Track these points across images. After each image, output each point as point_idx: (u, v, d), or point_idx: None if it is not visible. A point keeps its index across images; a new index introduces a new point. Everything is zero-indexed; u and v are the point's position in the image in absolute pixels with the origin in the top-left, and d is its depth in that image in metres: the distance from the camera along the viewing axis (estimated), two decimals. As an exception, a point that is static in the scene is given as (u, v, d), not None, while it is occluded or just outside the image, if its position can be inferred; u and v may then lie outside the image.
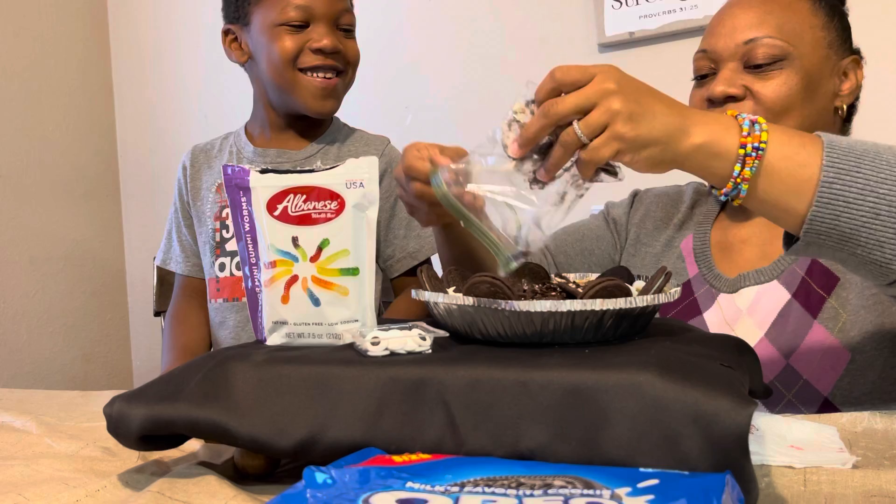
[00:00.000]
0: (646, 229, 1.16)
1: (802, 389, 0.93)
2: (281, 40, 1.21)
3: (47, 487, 0.66)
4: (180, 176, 1.37)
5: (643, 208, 1.19)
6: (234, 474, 0.68)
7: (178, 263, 1.36)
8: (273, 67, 1.23)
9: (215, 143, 1.39)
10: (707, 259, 1.07)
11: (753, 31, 1.00)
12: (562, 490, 0.46)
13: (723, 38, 1.02)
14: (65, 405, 1.02)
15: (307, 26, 1.22)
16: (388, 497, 0.45)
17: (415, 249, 1.35)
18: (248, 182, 0.72)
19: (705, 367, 0.58)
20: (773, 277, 1.00)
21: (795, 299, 0.97)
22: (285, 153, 1.31)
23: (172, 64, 2.67)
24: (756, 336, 0.98)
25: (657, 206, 1.18)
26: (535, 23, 2.15)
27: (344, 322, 0.70)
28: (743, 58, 1.01)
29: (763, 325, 0.98)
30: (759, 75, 1.00)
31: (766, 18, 1.01)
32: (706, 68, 1.05)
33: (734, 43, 1.01)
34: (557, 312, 0.61)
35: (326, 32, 1.22)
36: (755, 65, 1.00)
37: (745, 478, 0.50)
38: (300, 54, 1.22)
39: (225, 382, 0.62)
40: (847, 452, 0.65)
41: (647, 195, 1.21)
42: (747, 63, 1.00)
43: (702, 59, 1.06)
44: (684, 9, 1.93)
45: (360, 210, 0.70)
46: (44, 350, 2.46)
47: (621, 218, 1.19)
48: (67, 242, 2.54)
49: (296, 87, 1.24)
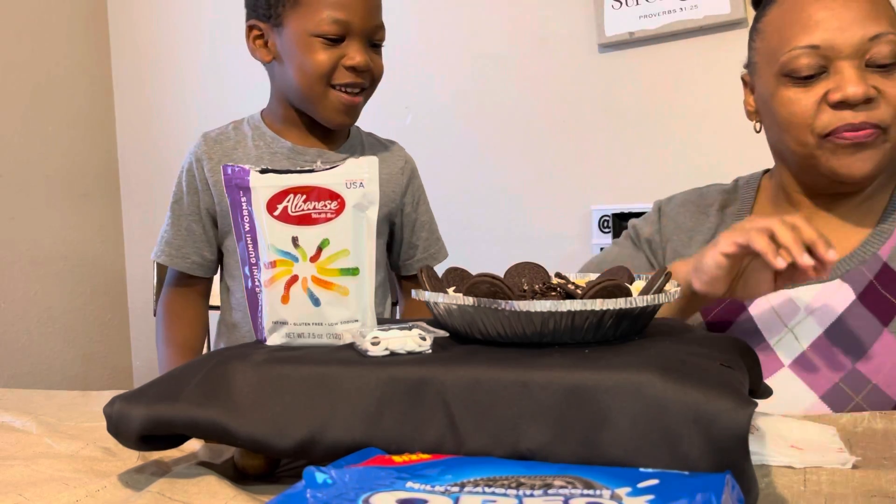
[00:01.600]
0: (681, 241, 1.12)
1: (872, 393, 0.91)
2: (315, 52, 1.19)
3: (47, 487, 0.66)
4: (194, 168, 1.30)
5: (671, 221, 1.14)
6: (234, 474, 0.68)
7: (178, 259, 1.31)
8: (304, 78, 1.21)
9: (228, 133, 1.33)
10: None
11: (874, 25, 0.91)
12: (562, 490, 0.46)
13: (841, 33, 0.92)
14: (65, 405, 1.02)
15: (342, 40, 1.20)
16: (388, 497, 0.45)
17: (435, 251, 1.42)
18: (248, 182, 0.72)
19: (705, 368, 0.58)
20: (835, 277, 0.97)
21: (862, 303, 0.94)
22: (324, 153, 1.29)
23: (172, 64, 2.67)
24: (814, 332, 0.95)
25: (685, 216, 1.13)
26: (535, 23, 2.15)
27: (344, 322, 0.70)
28: (865, 55, 0.92)
29: (823, 322, 0.95)
30: (885, 74, 0.92)
31: (878, 12, 0.92)
32: (815, 66, 0.94)
33: (858, 38, 0.91)
34: (557, 312, 0.61)
35: (360, 49, 1.21)
36: (881, 64, 0.92)
37: (745, 478, 0.50)
38: (334, 70, 1.21)
39: (225, 382, 0.62)
40: (847, 452, 0.65)
41: (670, 206, 1.16)
42: (870, 62, 0.92)
43: (809, 55, 0.94)
44: (684, 9, 1.93)
45: (360, 210, 0.70)
46: (44, 350, 2.46)
47: (654, 236, 1.14)
48: (67, 242, 2.54)
49: (323, 100, 1.23)
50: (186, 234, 1.31)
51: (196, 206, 1.30)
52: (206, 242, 1.31)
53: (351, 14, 1.19)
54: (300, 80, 1.22)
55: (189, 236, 1.31)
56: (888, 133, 0.94)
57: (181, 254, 1.31)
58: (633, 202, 2.03)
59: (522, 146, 2.21)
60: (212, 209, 1.30)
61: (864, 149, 0.94)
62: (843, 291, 0.96)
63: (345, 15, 1.19)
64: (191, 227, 1.30)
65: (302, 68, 1.21)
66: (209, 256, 1.32)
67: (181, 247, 1.31)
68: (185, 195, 1.31)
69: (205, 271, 1.33)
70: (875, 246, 0.97)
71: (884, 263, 0.96)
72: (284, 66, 1.24)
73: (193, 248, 1.31)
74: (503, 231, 2.25)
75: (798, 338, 0.96)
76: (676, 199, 1.17)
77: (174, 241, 1.31)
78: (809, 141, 0.96)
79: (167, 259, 1.31)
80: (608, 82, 2.08)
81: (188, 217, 1.31)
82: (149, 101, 2.70)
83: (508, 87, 2.19)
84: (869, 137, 0.93)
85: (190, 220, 1.31)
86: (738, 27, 1.88)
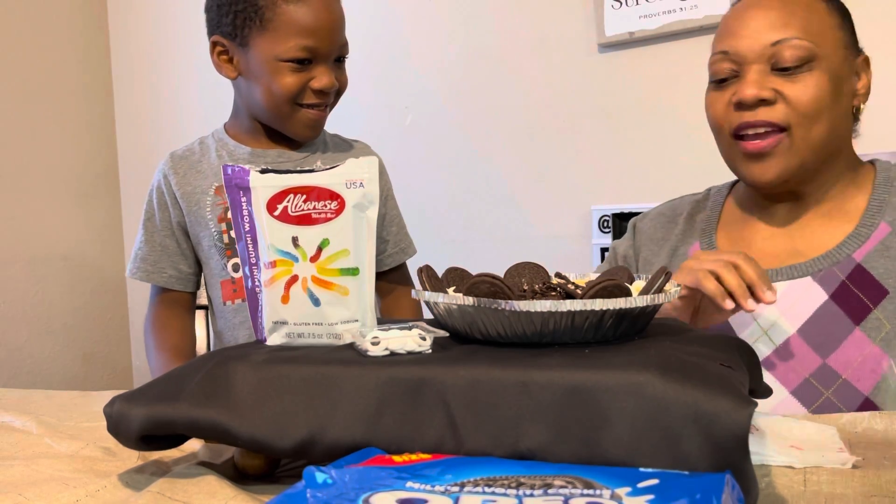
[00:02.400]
0: (651, 250, 1.16)
1: (842, 388, 0.94)
2: (283, 76, 1.21)
3: (47, 487, 0.66)
4: (162, 185, 1.33)
5: (643, 234, 1.18)
6: (234, 474, 0.68)
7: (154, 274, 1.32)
8: (271, 99, 1.23)
9: (193, 149, 1.36)
10: None
11: (779, 31, 0.97)
12: (562, 490, 0.46)
13: (746, 39, 0.99)
14: (65, 405, 1.02)
15: (310, 63, 1.22)
16: (388, 497, 0.45)
17: (405, 246, 1.41)
18: (248, 182, 0.72)
19: (705, 367, 0.58)
20: (807, 274, 0.99)
21: (834, 301, 0.96)
22: (285, 153, 1.31)
23: (172, 64, 2.67)
24: (786, 332, 0.97)
25: (655, 228, 1.18)
26: (535, 23, 2.15)
27: (344, 322, 0.70)
28: (770, 60, 0.97)
29: (795, 321, 0.97)
30: (788, 78, 0.97)
31: (790, 19, 0.98)
32: (727, 71, 1.01)
33: (760, 44, 0.98)
34: (557, 312, 0.61)
35: (327, 71, 1.23)
36: (783, 67, 0.97)
37: (745, 478, 0.50)
38: (301, 92, 1.22)
39: (225, 382, 0.62)
40: (847, 452, 0.65)
41: (643, 222, 1.20)
42: (775, 65, 0.97)
43: (722, 60, 1.02)
44: (684, 9, 1.93)
45: (360, 210, 0.70)
46: (44, 350, 2.46)
47: (628, 251, 1.18)
48: (67, 243, 2.54)
49: (291, 118, 1.25)
50: (161, 249, 1.32)
51: (168, 221, 1.32)
52: (182, 256, 1.33)
53: (318, 40, 1.21)
54: (267, 101, 1.24)
55: (163, 251, 1.32)
56: (791, 134, 0.97)
57: (157, 269, 1.32)
58: (633, 202, 2.03)
59: (522, 146, 2.21)
60: (182, 222, 1.32)
61: (767, 157, 0.99)
62: (814, 291, 0.98)
63: (312, 42, 1.20)
64: (164, 243, 1.32)
65: (269, 90, 1.23)
66: (186, 269, 1.33)
67: (157, 262, 1.32)
68: (156, 212, 1.33)
69: (184, 285, 1.33)
70: (850, 248, 0.99)
71: (857, 264, 0.98)
72: (251, 84, 1.26)
73: (169, 262, 1.32)
74: (503, 231, 2.25)
75: (770, 336, 0.99)
76: (650, 214, 1.22)
77: (149, 257, 1.32)
78: (725, 142, 1.04)
79: (143, 275, 1.32)
80: (608, 82, 2.08)
81: (161, 233, 1.33)
82: (149, 102, 2.70)
83: (508, 87, 2.19)
84: (770, 146, 0.98)
85: (163, 235, 1.32)
86: (738, 27, 1.88)
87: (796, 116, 0.96)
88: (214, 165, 1.31)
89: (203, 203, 1.30)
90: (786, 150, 0.98)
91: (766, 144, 0.98)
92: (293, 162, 1.30)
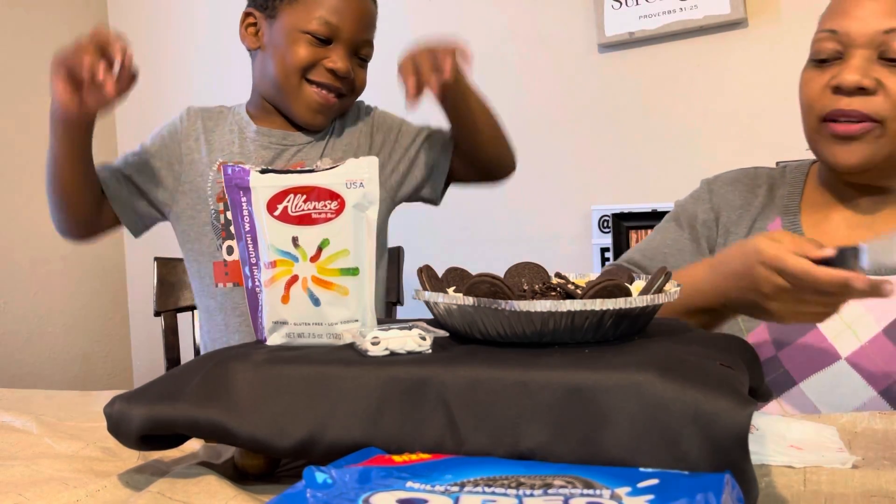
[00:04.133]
0: (730, 218, 1.11)
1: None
2: (299, 46, 1.23)
3: (47, 487, 0.66)
4: (177, 126, 1.32)
5: (721, 198, 1.13)
6: (234, 474, 0.68)
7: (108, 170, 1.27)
8: (282, 68, 1.24)
9: (212, 113, 1.35)
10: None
11: (894, 19, 0.92)
12: (562, 490, 0.46)
13: (858, 21, 0.94)
14: (65, 405, 1.02)
15: (329, 43, 1.23)
16: (388, 497, 0.45)
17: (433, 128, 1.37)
18: (248, 182, 0.72)
19: (705, 367, 0.58)
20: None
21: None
22: (290, 135, 1.30)
23: (172, 64, 2.67)
24: (873, 330, 0.94)
25: (734, 194, 1.12)
26: (535, 23, 2.15)
27: (344, 322, 0.70)
28: (879, 47, 0.93)
29: (881, 319, 0.94)
30: (894, 69, 0.93)
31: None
32: (831, 51, 0.96)
33: (872, 29, 0.93)
34: (557, 312, 0.61)
35: (344, 56, 1.24)
36: (891, 58, 0.92)
37: (745, 478, 0.50)
38: (313, 66, 1.23)
39: (225, 382, 0.62)
40: (847, 452, 0.65)
41: (717, 183, 1.15)
42: (883, 54, 0.93)
43: (828, 39, 0.96)
44: (684, 9, 1.93)
45: (360, 210, 0.70)
46: (44, 350, 2.46)
47: (708, 214, 1.12)
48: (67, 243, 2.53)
49: (297, 94, 1.25)
50: (138, 165, 1.29)
51: (148, 162, 1.29)
52: (138, 196, 1.29)
53: (342, 20, 1.23)
54: (278, 70, 1.25)
55: (140, 169, 1.28)
56: (885, 126, 0.94)
57: (115, 172, 1.28)
58: (633, 202, 2.03)
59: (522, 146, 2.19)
60: (172, 161, 1.29)
61: (854, 141, 0.95)
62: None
63: (336, 19, 1.22)
64: (135, 169, 1.29)
65: (282, 59, 1.24)
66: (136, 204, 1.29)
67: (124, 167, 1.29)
68: (148, 145, 1.31)
69: (119, 204, 1.28)
70: None
71: None
72: (267, 55, 1.27)
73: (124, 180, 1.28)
74: (503, 231, 2.25)
75: (856, 333, 0.95)
76: (723, 178, 1.16)
77: (127, 159, 1.29)
78: (812, 123, 0.99)
79: (102, 171, 1.26)
80: (608, 82, 2.08)
81: (135, 165, 1.29)
82: (149, 101, 2.70)
83: (508, 87, 2.19)
84: (860, 131, 0.94)
85: (134, 167, 1.29)
86: (738, 27, 1.88)
87: (893, 110, 0.93)
88: (224, 139, 1.31)
89: (205, 175, 1.29)
90: (875, 138, 0.94)
91: (856, 129, 0.94)
92: (297, 146, 1.29)
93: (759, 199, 1.10)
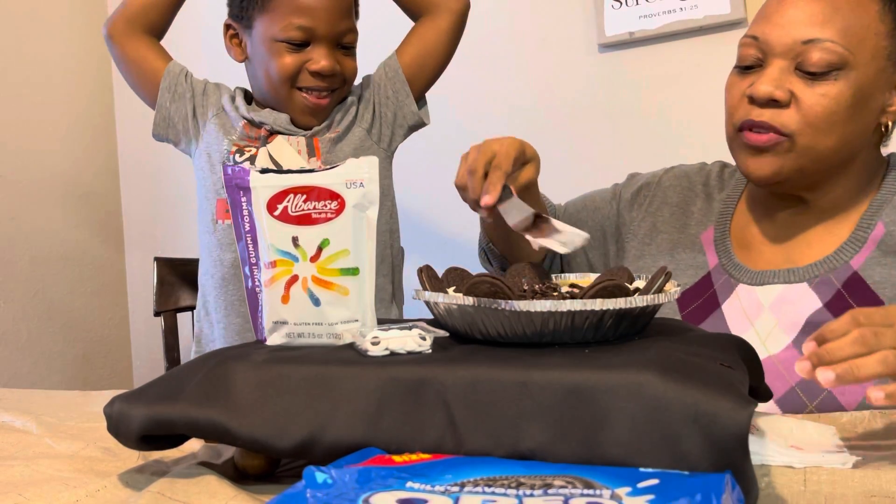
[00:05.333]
0: (662, 217, 1.11)
1: (826, 400, 0.89)
2: (280, 57, 1.22)
3: (47, 487, 0.66)
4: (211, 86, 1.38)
5: (662, 191, 1.13)
6: (234, 474, 0.68)
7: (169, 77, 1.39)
8: (269, 81, 1.24)
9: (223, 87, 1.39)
10: (727, 250, 1.03)
11: (815, 29, 0.90)
12: (562, 490, 0.46)
13: (779, 29, 0.92)
14: (65, 405, 1.02)
15: (307, 45, 1.22)
16: (388, 497, 0.45)
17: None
18: (248, 182, 0.72)
19: (705, 367, 0.58)
20: (803, 280, 0.96)
21: (828, 310, 0.92)
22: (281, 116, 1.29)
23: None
24: (781, 340, 0.94)
25: (674, 190, 1.13)
26: (535, 23, 2.15)
27: (344, 322, 0.70)
28: (796, 58, 0.91)
29: (790, 330, 0.94)
30: (809, 82, 0.91)
31: (832, 17, 0.90)
32: (752, 58, 0.94)
33: (791, 38, 0.91)
34: (557, 312, 0.61)
35: (326, 54, 1.22)
36: (807, 70, 0.90)
37: (745, 478, 0.50)
38: (298, 73, 1.22)
39: (225, 382, 0.62)
40: (847, 452, 0.65)
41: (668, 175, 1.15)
42: (800, 66, 0.91)
43: (750, 45, 0.95)
44: (684, 9, 1.93)
45: (361, 210, 0.70)
46: (44, 350, 2.46)
47: (634, 203, 1.15)
48: (67, 242, 2.53)
49: (289, 102, 1.26)
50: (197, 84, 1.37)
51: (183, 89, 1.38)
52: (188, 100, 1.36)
53: (314, 20, 1.21)
54: (266, 83, 1.26)
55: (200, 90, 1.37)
56: (794, 141, 0.92)
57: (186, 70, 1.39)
58: (633, 202, 2.02)
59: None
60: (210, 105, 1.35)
61: (765, 153, 0.94)
62: (809, 298, 0.95)
63: (308, 21, 1.20)
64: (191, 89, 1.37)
65: (268, 71, 1.24)
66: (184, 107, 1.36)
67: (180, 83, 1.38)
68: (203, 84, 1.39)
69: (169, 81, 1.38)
70: (847, 255, 0.96)
71: (853, 272, 0.94)
72: (254, 67, 1.28)
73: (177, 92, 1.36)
74: (503, 231, 2.24)
75: (764, 342, 0.95)
76: (678, 171, 1.17)
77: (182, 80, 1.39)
78: (729, 131, 0.99)
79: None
80: (608, 82, 2.08)
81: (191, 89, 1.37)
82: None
83: (508, 87, 2.19)
84: (768, 143, 0.93)
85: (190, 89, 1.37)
86: (738, 27, 1.88)
87: (803, 125, 0.91)
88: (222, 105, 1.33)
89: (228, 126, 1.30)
90: (784, 151, 0.93)
91: (765, 139, 0.93)
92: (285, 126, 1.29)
93: (697, 205, 1.11)
